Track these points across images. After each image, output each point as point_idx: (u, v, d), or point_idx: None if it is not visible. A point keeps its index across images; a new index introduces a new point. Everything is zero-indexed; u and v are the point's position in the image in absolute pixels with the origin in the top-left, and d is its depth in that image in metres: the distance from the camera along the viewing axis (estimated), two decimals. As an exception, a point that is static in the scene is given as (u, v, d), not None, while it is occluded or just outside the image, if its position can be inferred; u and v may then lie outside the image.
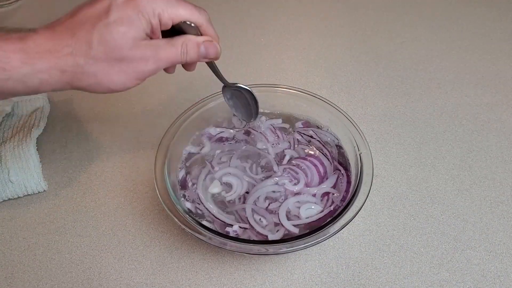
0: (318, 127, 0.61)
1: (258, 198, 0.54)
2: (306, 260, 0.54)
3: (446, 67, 0.79)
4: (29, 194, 0.60)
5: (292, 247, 0.47)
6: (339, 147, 0.59)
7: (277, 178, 0.55)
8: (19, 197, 0.59)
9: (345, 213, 0.49)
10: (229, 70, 0.76)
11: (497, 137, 0.67)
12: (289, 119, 0.63)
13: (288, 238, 0.48)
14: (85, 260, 0.54)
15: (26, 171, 0.59)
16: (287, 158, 0.58)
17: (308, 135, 0.60)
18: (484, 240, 0.55)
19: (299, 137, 0.60)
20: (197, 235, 0.47)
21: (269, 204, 0.53)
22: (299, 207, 0.53)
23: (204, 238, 0.47)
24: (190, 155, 0.59)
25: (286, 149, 0.59)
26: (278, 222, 0.51)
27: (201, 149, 0.59)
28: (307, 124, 0.62)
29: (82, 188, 0.61)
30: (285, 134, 0.61)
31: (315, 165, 0.56)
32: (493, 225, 0.57)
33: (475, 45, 0.83)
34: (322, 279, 0.52)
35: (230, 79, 0.53)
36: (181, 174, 0.56)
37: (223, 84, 0.54)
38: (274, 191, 0.54)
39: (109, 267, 0.53)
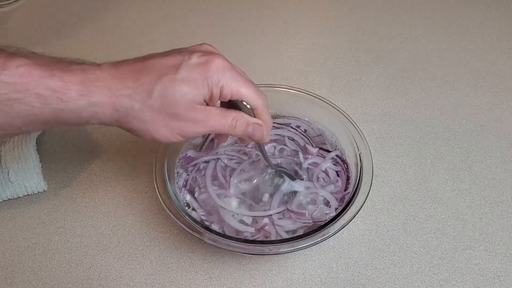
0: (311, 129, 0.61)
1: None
2: (306, 260, 0.54)
3: (446, 67, 0.79)
4: (29, 194, 0.60)
5: (292, 247, 0.47)
6: (338, 147, 0.59)
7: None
8: (19, 197, 0.59)
9: (345, 213, 0.49)
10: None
11: (497, 137, 0.67)
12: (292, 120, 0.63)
13: (288, 238, 0.49)
14: (85, 260, 0.54)
15: (25, 171, 0.59)
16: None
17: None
18: (484, 240, 0.55)
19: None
20: (197, 235, 0.47)
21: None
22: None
23: (204, 238, 0.47)
24: (189, 157, 0.59)
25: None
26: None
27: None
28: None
29: (82, 188, 0.61)
30: None
31: None
32: (493, 225, 0.57)
33: (475, 45, 0.83)
34: (322, 279, 0.52)
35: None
36: (183, 175, 0.57)
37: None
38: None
39: (109, 267, 0.53)
